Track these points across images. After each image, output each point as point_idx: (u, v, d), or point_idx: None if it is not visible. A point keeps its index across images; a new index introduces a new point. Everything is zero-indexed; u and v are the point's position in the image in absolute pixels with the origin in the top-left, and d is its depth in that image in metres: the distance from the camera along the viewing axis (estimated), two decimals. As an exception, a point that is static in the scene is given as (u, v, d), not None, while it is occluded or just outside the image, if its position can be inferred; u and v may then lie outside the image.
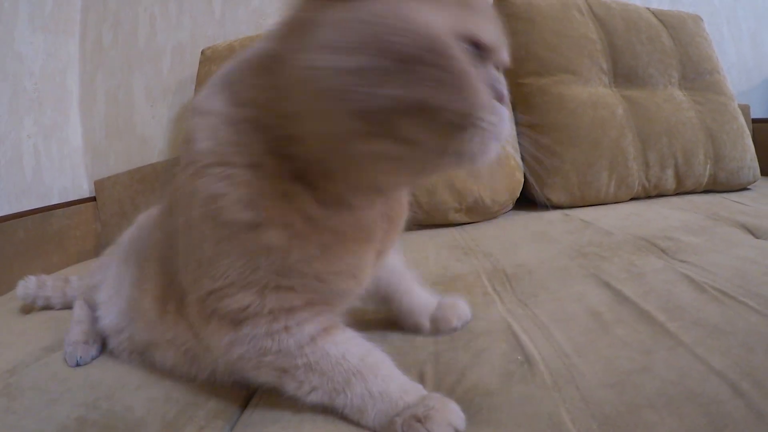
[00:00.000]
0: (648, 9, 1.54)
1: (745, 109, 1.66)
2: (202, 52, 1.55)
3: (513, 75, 1.31)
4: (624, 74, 1.44)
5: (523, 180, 1.31)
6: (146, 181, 1.62)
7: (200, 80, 1.52)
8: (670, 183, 1.36)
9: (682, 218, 1.06)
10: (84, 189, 1.71)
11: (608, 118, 1.33)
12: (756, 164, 1.44)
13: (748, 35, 1.96)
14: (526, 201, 1.35)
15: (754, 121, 1.71)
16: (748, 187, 1.44)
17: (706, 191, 1.40)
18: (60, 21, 1.67)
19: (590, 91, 1.37)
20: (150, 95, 1.74)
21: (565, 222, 1.13)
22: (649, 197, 1.37)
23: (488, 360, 0.55)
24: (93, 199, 1.64)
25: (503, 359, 0.54)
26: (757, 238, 0.92)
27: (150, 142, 1.73)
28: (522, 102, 1.36)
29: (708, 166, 1.37)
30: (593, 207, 1.29)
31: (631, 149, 1.33)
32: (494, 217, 1.28)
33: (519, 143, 1.22)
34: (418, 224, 1.18)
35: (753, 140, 1.49)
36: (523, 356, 0.54)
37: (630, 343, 0.54)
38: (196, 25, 1.74)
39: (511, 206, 1.32)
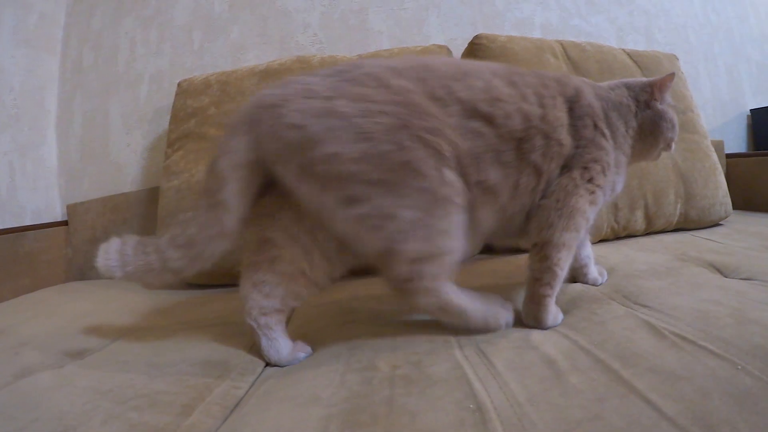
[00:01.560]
0: (623, 50, 1.55)
1: (719, 145, 1.69)
2: (179, 84, 1.51)
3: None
4: (596, 118, 1.44)
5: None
6: (118, 211, 1.60)
7: (176, 113, 1.47)
8: (639, 224, 1.36)
9: (649, 260, 1.06)
10: (57, 212, 1.68)
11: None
12: (728, 200, 1.44)
13: (724, 70, 2.00)
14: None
15: (728, 156, 1.75)
16: (720, 222, 1.44)
17: (677, 229, 1.40)
18: (42, 37, 1.66)
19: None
20: (126, 122, 1.72)
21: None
22: (618, 238, 1.37)
23: (442, 407, 0.54)
24: (65, 223, 1.61)
25: (456, 406, 0.54)
26: (725, 276, 0.92)
27: (124, 169, 1.71)
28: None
29: (679, 205, 1.37)
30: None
31: (601, 192, 1.33)
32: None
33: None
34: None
35: (726, 174, 1.50)
36: (476, 405, 0.54)
37: (583, 391, 0.54)
38: (176, 54, 1.73)
39: (477, 251, 1.30)
